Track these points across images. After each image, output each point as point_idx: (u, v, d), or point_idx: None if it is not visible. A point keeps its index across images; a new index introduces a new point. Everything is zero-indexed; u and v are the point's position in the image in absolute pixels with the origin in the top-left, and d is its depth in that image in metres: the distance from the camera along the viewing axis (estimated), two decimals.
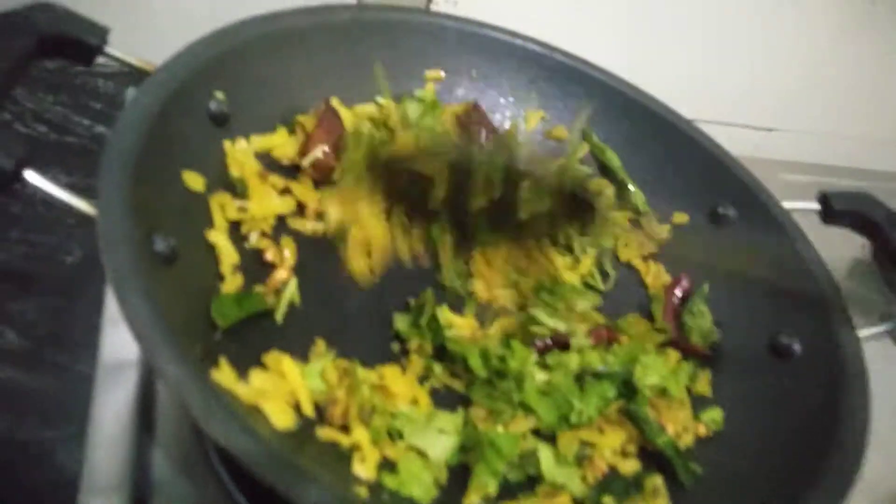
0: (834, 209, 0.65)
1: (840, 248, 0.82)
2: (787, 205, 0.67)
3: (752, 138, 1.20)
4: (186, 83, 0.51)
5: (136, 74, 0.53)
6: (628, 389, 0.55)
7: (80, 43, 0.49)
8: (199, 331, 0.42)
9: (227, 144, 0.54)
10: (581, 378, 0.54)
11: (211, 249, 0.48)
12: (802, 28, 1.03)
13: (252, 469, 0.33)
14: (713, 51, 1.04)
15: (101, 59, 0.69)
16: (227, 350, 0.41)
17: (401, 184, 0.56)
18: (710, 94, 1.10)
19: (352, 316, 0.54)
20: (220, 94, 0.54)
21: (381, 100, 0.68)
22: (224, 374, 0.38)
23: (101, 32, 0.50)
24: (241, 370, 0.42)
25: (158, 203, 0.44)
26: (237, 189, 0.53)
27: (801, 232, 0.63)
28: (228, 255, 0.49)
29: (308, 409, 0.43)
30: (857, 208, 0.65)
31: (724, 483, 0.49)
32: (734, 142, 1.16)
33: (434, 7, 0.90)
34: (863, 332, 0.56)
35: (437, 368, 0.53)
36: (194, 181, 0.49)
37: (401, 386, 0.49)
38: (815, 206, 0.67)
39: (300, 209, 0.57)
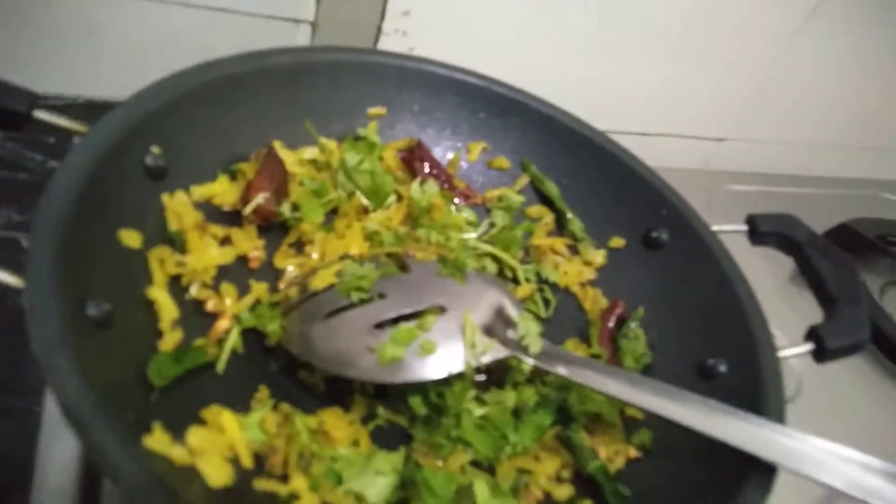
0: (760, 231, 0.69)
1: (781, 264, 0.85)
2: (717, 228, 0.70)
3: (703, 149, 1.23)
4: (120, 141, 0.51)
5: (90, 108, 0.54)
6: (564, 416, 0.57)
7: (6, 112, 0.50)
8: (135, 395, 0.43)
9: (165, 198, 0.55)
10: (518, 411, 0.56)
11: (149, 307, 0.50)
12: (749, 39, 1.06)
13: None
14: (662, 66, 1.07)
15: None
16: (164, 410, 0.43)
17: None
18: (659, 108, 1.13)
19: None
20: (156, 149, 0.55)
21: (323, 141, 0.69)
22: (157, 440, 0.40)
23: (29, 98, 0.51)
24: (180, 428, 0.43)
25: (92, 267, 0.46)
26: (176, 243, 0.54)
27: (728, 255, 0.66)
28: (168, 310, 0.50)
29: (247, 462, 0.45)
30: (781, 230, 0.68)
31: (651, 502, 0.52)
32: (685, 154, 1.21)
33: (383, 41, 0.92)
34: (784, 353, 0.58)
35: (380, 408, 0.55)
36: (131, 239, 0.50)
37: (341, 429, 0.50)
38: (743, 228, 0.70)
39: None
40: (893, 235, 1.14)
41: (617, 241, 0.73)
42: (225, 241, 0.59)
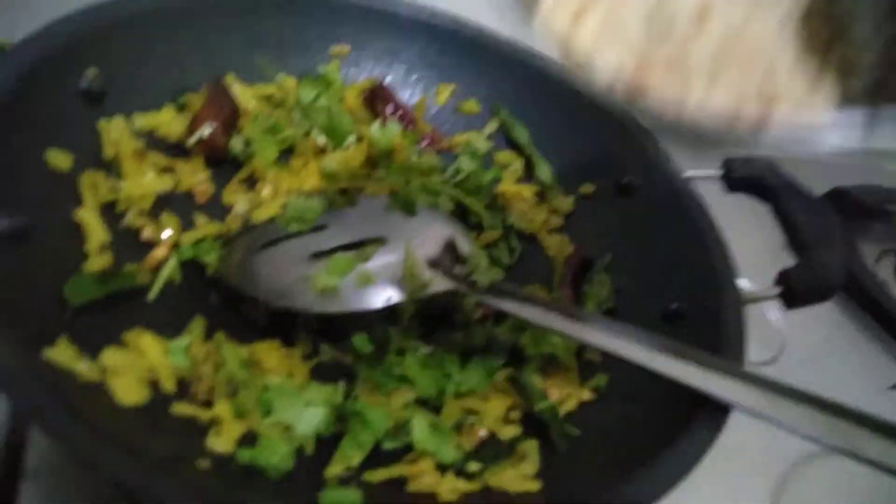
0: (734, 176, 0.66)
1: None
2: (691, 173, 0.67)
3: None
4: (50, 59, 0.49)
5: None
6: (516, 357, 0.55)
7: None
8: (44, 312, 0.41)
9: (101, 123, 0.53)
10: (467, 352, 0.53)
11: (76, 229, 0.47)
12: None
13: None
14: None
15: None
16: (77, 329, 0.41)
17: None
18: None
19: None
20: (91, 72, 0.52)
21: (281, 77, 0.67)
22: (60, 352, 0.38)
23: None
24: (96, 350, 0.41)
25: (10, 181, 0.43)
26: (112, 169, 0.52)
27: (698, 201, 0.63)
28: (97, 233, 0.48)
29: (168, 385, 0.43)
30: (757, 175, 0.65)
31: (599, 444, 0.49)
32: None
33: None
34: (753, 296, 0.56)
35: (324, 346, 0.53)
36: (60, 160, 0.48)
37: (274, 360, 0.48)
38: (718, 172, 0.67)
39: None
40: (891, 202, 1.11)
41: (587, 188, 0.70)
42: (167, 171, 0.56)
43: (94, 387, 0.39)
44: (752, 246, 0.73)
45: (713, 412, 0.46)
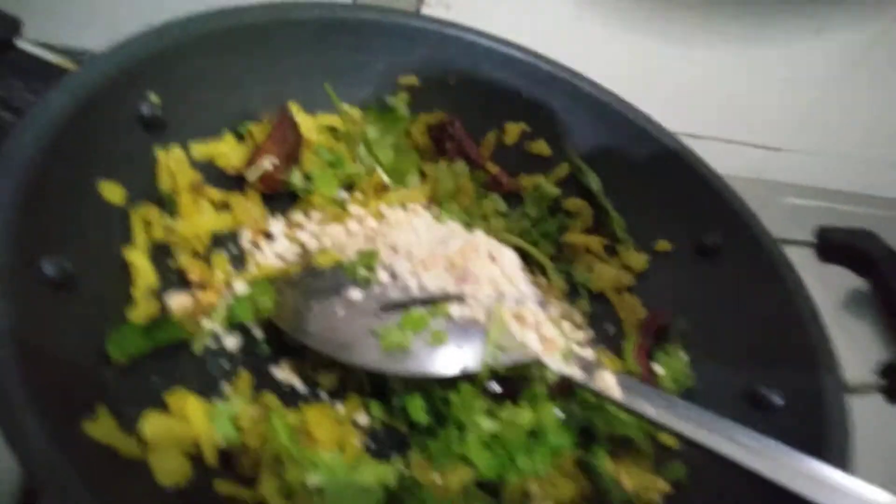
0: (832, 245, 0.60)
1: (840, 275, 0.76)
2: (781, 238, 0.61)
3: (757, 157, 1.14)
4: (112, 83, 0.46)
5: None
6: (587, 438, 0.50)
7: None
8: (85, 371, 0.37)
9: (159, 152, 0.49)
10: (534, 431, 0.48)
11: (123, 269, 0.44)
12: (817, 45, 0.97)
13: None
14: (721, 64, 0.98)
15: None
16: (119, 390, 0.37)
17: None
18: (715, 109, 1.04)
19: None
20: (154, 97, 0.49)
21: (345, 108, 0.63)
22: (100, 426, 0.34)
23: (11, 25, 0.45)
24: (137, 412, 0.37)
25: (60, 219, 0.40)
26: (166, 204, 0.49)
27: (793, 270, 0.58)
28: (145, 276, 0.44)
29: (211, 459, 0.39)
30: (856, 246, 0.59)
31: None
32: (737, 160, 1.11)
33: (425, 10, 0.85)
34: (854, 388, 0.50)
35: (376, 408, 0.48)
36: (113, 193, 0.45)
37: (326, 429, 0.44)
38: (812, 240, 0.61)
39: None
40: None
41: (664, 245, 0.65)
42: (222, 206, 0.52)
43: (134, 464, 0.34)
44: (845, 325, 0.67)
45: None
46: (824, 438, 0.46)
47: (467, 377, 0.47)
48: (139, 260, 0.44)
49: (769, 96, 1.03)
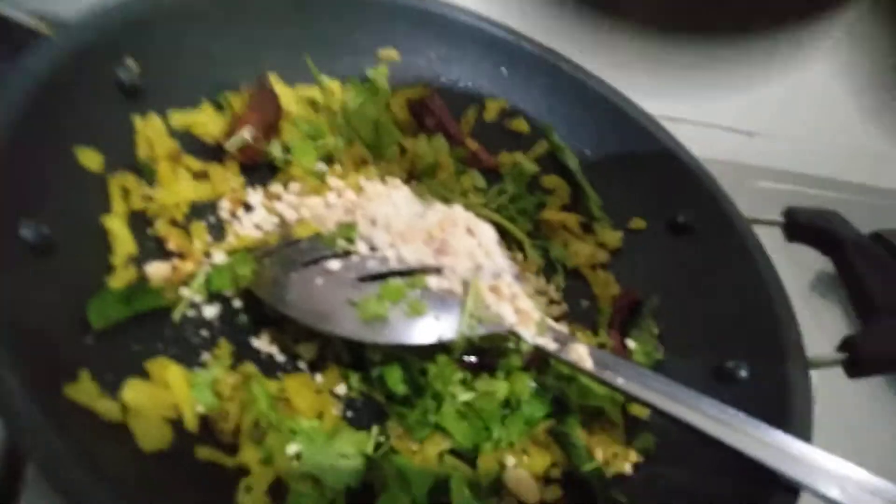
0: (798, 225, 0.62)
1: (809, 257, 0.78)
2: (751, 217, 0.63)
3: (732, 141, 1.16)
4: (90, 47, 0.45)
5: None
6: (560, 409, 0.51)
7: None
8: (64, 335, 0.37)
9: (136, 120, 0.49)
10: (509, 402, 0.49)
11: (101, 237, 0.43)
12: (792, 35, 0.98)
13: None
14: (698, 50, 0.99)
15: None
16: (99, 357, 0.37)
17: None
18: (691, 94, 1.05)
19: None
20: (132, 63, 0.48)
21: (324, 80, 0.63)
22: (82, 389, 0.34)
23: None
24: (118, 379, 0.37)
25: (37, 184, 0.40)
26: (144, 172, 0.48)
27: (763, 250, 0.59)
28: (124, 243, 0.44)
29: (191, 424, 0.39)
30: (822, 226, 0.61)
31: None
32: (712, 143, 1.13)
33: None
34: (813, 362, 0.52)
35: (354, 378, 0.49)
36: (90, 159, 0.44)
37: (305, 399, 0.44)
38: (780, 220, 0.63)
39: None
40: None
41: (638, 223, 0.66)
42: (201, 176, 0.52)
43: (115, 428, 0.35)
44: (812, 305, 0.69)
45: (783, 493, 0.42)
46: (787, 410, 0.48)
47: (444, 348, 0.48)
48: (118, 227, 0.44)
49: (745, 83, 1.05)
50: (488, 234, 0.53)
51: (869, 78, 1.08)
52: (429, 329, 0.46)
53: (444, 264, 0.48)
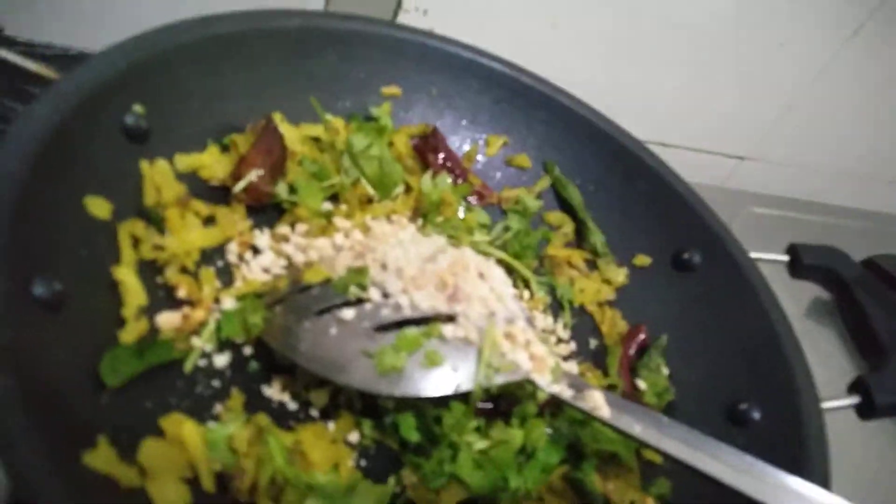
0: (802, 263, 0.62)
1: (802, 289, 0.78)
2: (755, 255, 0.63)
3: (723, 166, 1.17)
4: (96, 94, 0.44)
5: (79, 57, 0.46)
6: (574, 454, 0.51)
7: None
8: (80, 396, 0.36)
9: (143, 165, 0.48)
10: (524, 449, 0.49)
11: (112, 288, 0.42)
12: (781, 58, 1.00)
13: None
14: (689, 75, 1.00)
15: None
16: (115, 417, 0.36)
17: None
18: (681, 119, 1.06)
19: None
20: (138, 108, 0.48)
21: (329, 118, 0.62)
22: (100, 457, 0.33)
23: None
24: (132, 439, 0.36)
25: (48, 237, 0.39)
26: (152, 218, 0.47)
27: (767, 286, 0.60)
28: (135, 295, 0.43)
29: (208, 485, 0.38)
30: (827, 264, 0.61)
31: None
32: (704, 169, 1.14)
33: (402, 18, 0.85)
34: (827, 405, 0.52)
35: (367, 426, 0.48)
36: (99, 208, 0.43)
37: (320, 450, 0.44)
38: (784, 258, 0.64)
39: None
40: None
41: (642, 260, 0.66)
42: (208, 220, 0.51)
43: (133, 494, 0.34)
44: (809, 334, 0.69)
45: None
46: (803, 454, 0.48)
47: (459, 397, 0.47)
48: (128, 278, 0.43)
49: (734, 108, 1.06)
50: (500, 277, 0.53)
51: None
52: (446, 380, 0.45)
53: (457, 311, 0.48)
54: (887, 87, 1.10)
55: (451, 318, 0.48)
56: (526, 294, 0.63)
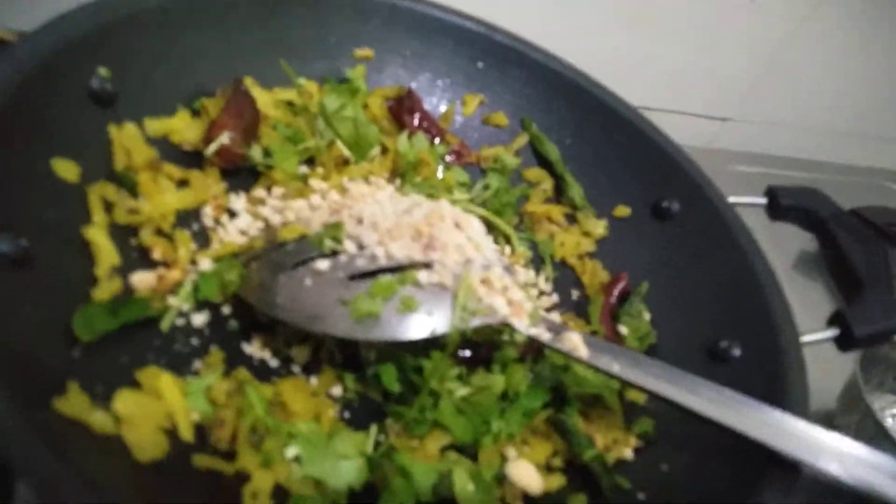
0: (781, 204, 0.62)
1: (789, 238, 0.79)
2: (733, 199, 0.63)
3: (706, 128, 1.17)
4: (58, 56, 0.44)
5: None
6: (558, 398, 0.51)
7: None
8: (52, 350, 0.36)
9: (112, 129, 0.48)
10: (506, 394, 0.49)
11: (83, 249, 0.42)
12: (759, 17, 1.00)
13: None
14: (669, 37, 1.00)
15: None
16: (88, 370, 0.36)
17: None
18: (664, 82, 1.06)
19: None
20: (103, 71, 0.47)
21: (302, 82, 0.62)
22: (72, 402, 0.33)
23: None
24: (108, 391, 0.36)
25: (13, 196, 0.38)
26: (124, 182, 0.47)
27: (745, 229, 0.60)
28: (107, 254, 0.43)
29: (187, 434, 0.38)
30: (804, 204, 0.62)
31: (654, 496, 0.45)
32: (688, 131, 1.14)
33: None
34: (806, 338, 0.52)
35: (350, 379, 0.48)
36: (67, 170, 0.43)
37: (301, 401, 0.44)
38: (763, 200, 0.64)
39: None
40: None
41: (621, 210, 0.66)
42: (182, 183, 0.51)
43: (108, 441, 0.34)
44: (795, 284, 0.69)
45: (783, 470, 0.42)
46: (783, 387, 0.48)
47: (438, 344, 0.47)
48: (100, 238, 0.43)
49: (714, 69, 1.06)
50: (476, 226, 0.53)
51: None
52: (422, 324, 0.45)
53: (433, 259, 0.48)
54: (865, 43, 1.10)
55: (427, 266, 0.48)
56: (507, 250, 0.63)
